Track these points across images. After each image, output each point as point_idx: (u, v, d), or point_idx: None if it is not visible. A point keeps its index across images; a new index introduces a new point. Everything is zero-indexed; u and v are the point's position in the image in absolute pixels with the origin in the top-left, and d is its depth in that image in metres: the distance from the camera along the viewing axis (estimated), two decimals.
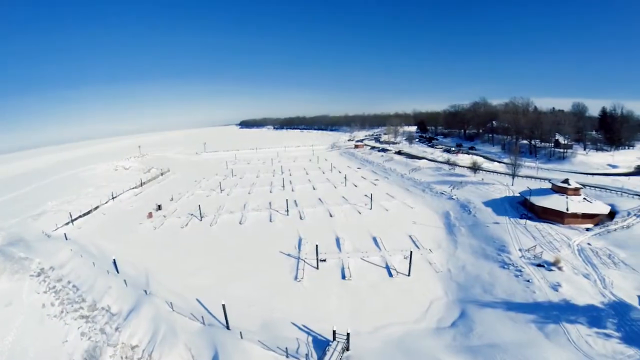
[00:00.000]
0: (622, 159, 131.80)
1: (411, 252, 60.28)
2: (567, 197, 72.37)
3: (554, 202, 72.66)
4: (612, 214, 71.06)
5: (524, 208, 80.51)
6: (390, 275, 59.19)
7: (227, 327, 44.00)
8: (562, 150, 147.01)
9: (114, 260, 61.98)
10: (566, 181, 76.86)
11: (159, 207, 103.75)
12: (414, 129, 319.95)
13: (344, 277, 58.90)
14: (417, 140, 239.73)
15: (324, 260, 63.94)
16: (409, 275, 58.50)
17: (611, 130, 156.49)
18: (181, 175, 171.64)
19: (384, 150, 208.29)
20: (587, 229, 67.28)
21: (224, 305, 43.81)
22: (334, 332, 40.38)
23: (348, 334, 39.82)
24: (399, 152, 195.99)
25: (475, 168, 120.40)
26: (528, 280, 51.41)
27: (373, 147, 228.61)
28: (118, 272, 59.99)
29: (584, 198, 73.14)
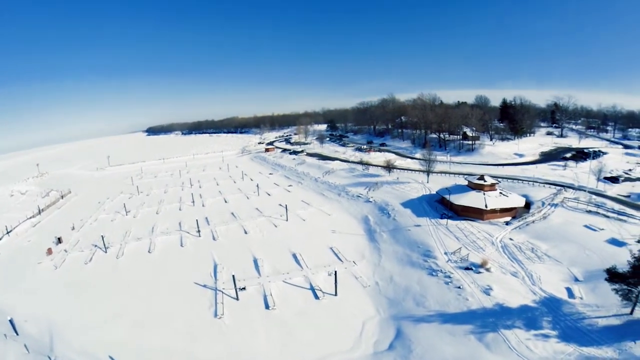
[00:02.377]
0: (526, 147, 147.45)
1: (335, 271, 57.61)
2: (484, 194, 76.34)
3: (472, 199, 76.20)
4: (527, 205, 76.47)
5: (443, 207, 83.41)
6: (317, 297, 56.29)
7: None
8: (470, 142, 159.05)
9: (11, 320, 51.64)
10: (482, 178, 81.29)
11: (59, 240, 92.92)
12: (324, 127, 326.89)
13: (267, 306, 54.93)
14: (328, 139, 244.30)
15: (244, 289, 59.14)
16: (335, 294, 56.06)
17: (514, 120, 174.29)
18: (84, 196, 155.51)
19: (295, 152, 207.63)
20: (507, 223, 71.50)
21: None
22: None
23: None
24: (307, 153, 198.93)
25: (389, 167, 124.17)
26: (459, 287, 51.92)
27: (284, 150, 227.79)
28: (17, 334, 51.28)
29: (500, 192, 77.89)
